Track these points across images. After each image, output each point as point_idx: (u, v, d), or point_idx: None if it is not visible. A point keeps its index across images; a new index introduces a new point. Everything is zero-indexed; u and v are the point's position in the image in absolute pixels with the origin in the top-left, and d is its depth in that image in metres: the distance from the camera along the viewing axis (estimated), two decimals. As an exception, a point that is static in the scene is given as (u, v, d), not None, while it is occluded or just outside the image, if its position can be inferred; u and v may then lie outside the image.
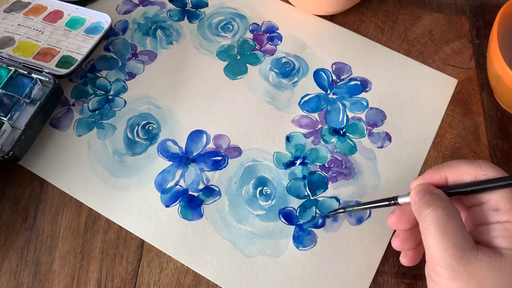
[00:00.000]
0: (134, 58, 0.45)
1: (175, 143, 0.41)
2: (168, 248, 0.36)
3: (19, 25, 0.46)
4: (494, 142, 0.42)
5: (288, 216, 0.38)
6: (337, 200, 0.38)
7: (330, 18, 0.48)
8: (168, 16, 0.48)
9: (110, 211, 0.38)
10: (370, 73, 0.45)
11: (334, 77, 0.44)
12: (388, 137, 0.41)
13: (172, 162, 0.40)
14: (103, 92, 0.43)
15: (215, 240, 0.36)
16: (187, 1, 0.49)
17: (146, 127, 0.42)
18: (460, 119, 0.43)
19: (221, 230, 0.37)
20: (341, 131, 0.42)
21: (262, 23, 0.48)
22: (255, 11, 0.49)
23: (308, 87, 0.44)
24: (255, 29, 0.47)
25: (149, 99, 0.43)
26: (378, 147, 0.41)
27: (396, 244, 0.31)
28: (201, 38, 0.47)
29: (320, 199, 0.38)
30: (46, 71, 0.41)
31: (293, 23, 0.48)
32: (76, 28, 0.46)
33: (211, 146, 0.41)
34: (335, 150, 0.41)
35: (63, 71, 0.42)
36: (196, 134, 0.41)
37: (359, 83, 0.44)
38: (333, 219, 0.37)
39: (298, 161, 0.40)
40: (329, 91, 0.44)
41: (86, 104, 0.43)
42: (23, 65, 0.41)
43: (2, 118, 0.39)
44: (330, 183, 0.39)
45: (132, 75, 0.44)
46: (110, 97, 0.43)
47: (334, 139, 0.41)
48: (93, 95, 0.43)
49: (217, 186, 0.39)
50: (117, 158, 0.40)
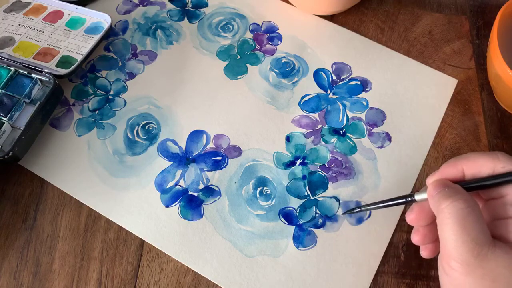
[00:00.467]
0: (134, 58, 0.45)
1: (175, 143, 0.41)
2: (168, 248, 0.36)
3: (19, 25, 0.46)
4: (494, 142, 0.42)
5: (288, 216, 0.38)
6: (337, 200, 0.38)
7: (330, 18, 0.48)
8: (168, 16, 0.48)
9: (110, 211, 0.38)
10: (370, 73, 0.45)
11: (334, 77, 0.44)
12: (388, 137, 0.41)
13: (172, 162, 0.40)
14: (103, 92, 0.43)
15: (215, 240, 0.36)
16: (187, 1, 0.49)
17: (146, 127, 0.42)
18: (460, 119, 0.43)
19: (221, 230, 0.37)
20: (341, 131, 0.42)
21: (262, 23, 0.48)
22: (255, 11, 0.49)
23: (308, 87, 0.44)
24: (255, 29, 0.47)
25: (149, 99, 0.43)
26: (378, 147, 0.41)
27: (416, 239, 0.30)
28: (201, 38, 0.47)
29: (320, 199, 0.38)
30: (46, 71, 0.41)
31: (293, 23, 0.48)
32: (76, 28, 0.46)
33: (211, 146, 0.41)
34: (335, 150, 0.41)
35: (63, 71, 0.42)
36: (196, 134, 0.41)
37: (359, 83, 0.44)
38: (333, 219, 0.37)
39: (298, 161, 0.40)
40: (329, 91, 0.44)
41: (86, 104, 0.43)
42: (23, 65, 0.41)
43: (2, 118, 0.39)
44: (330, 183, 0.39)
45: (132, 75, 0.44)
46: (110, 97, 0.43)
47: (334, 139, 0.41)
48: (93, 95, 0.43)
49: (217, 186, 0.39)
50: (117, 158, 0.40)
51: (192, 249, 0.36)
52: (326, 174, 0.39)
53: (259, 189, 0.39)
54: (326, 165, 0.40)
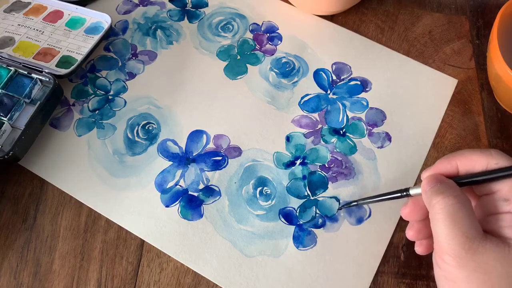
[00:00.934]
0: (134, 58, 0.45)
1: (175, 143, 0.41)
2: (168, 248, 0.36)
3: (19, 25, 0.46)
4: (494, 142, 0.42)
5: (288, 216, 0.38)
6: (337, 200, 0.38)
7: (330, 18, 0.48)
8: (168, 16, 0.48)
9: (110, 211, 0.38)
10: (370, 73, 0.45)
11: (334, 77, 0.44)
12: (388, 137, 0.41)
13: (172, 162, 0.40)
14: (103, 92, 0.43)
15: (215, 240, 0.36)
16: (187, 1, 0.49)
17: (146, 127, 0.42)
18: (460, 119, 0.43)
19: (221, 230, 0.37)
20: (341, 131, 0.42)
21: (262, 23, 0.48)
22: (255, 11, 0.49)
23: (308, 87, 0.44)
24: (255, 29, 0.47)
25: (149, 99, 0.43)
26: (378, 147, 0.41)
27: (410, 234, 0.31)
28: (201, 38, 0.47)
29: (320, 199, 0.38)
30: (46, 71, 0.41)
31: (293, 23, 0.48)
32: (76, 28, 0.46)
33: (211, 146, 0.41)
34: (335, 150, 0.41)
35: (63, 71, 0.42)
36: (196, 134, 0.41)
37: (359, 83, 0.44)
38: (333, 219, 0.37)
39: (298, 161, 0.40)
40: (329, 91, 0.44)
41: (86, 104, 0.43)
42: (23, 65, 0.41)
43: (2, 118, 0.39)
44: (330, 183, 0.39)
45: (132, 75, 0.44)
46: (110, 97, 0.43)
47: (334, 139, 0.41)
48: (93, 95, 0.43)
49: (217, 186, 0.39)
50: (117, 158, 0.40)
51: (192, 249, 0.36)
52: (326, 174, 0.39)
53: (259, 189, 0.39)
54: (326, 165, 0.40)
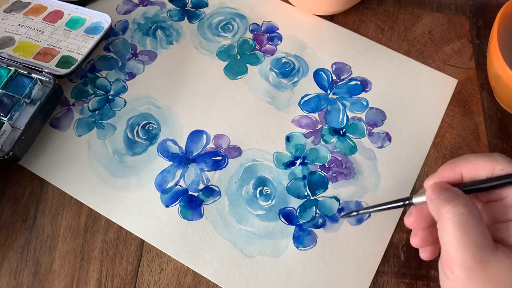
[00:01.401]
0: (134, 58, 0.45)
1: (175, 143, 0.41)
2: (168, 248, 0.36)
3: (19, 25, 0.46)
4: (494, 142, 0.42)
5: (288, 216, 0.38)
6: (337, 200, 0.38)
7: (330, 18, 0.48)
8: (168, 16, 0.48)
9: (110, 211, 0.38)
10: (370, 73, 0.45)
11: (334, 77, 0.44)
12: (388, 137, 0.41)
13: (172, 162, 0.40)
14: (103, 92, 0.43)
15: (215, 240, 0.36)
16: (187, 1, 0.49)
17: (146, 127, 0.42)
18: (460, 119, 0.43)
19: (221, 230, 0.37)
20: (341, 131, 0.42)
21: (262, 23, 0.48)
22: (255, 11, 0.49)
23: (308, 87, 0.44)
24: (255, 29, 0.47)
25: (149, 99, 0.43)
26: (378, 147, 0.41)
27: (415, 242, 0.30)
28: (201, 38, 0.47)
29: (320, 199, 0.38)
30: (46, 71, 0.41)
31: (293, 23, 0.48)
32: (76, 28, 0.46)
33: (211, 146, 0.41)
34: (335, 150, 0.41)
35: (63, 71, 0.42)
36: (196, 134, 0.41)
37: (359, 83, 0.44)
38: (333, 219, 0.37)
39: (298, 161, 0.40)
40: (329, 91, 0.44)
41: (86, 104, 0.43)
42: (23, 65, 0.41)
43: (2, 118, 0.39)
44: (330, 183, 0.39)
45: (132, 75, 0.44)
46: (110, 97, 0.43)
47: (334, 139, 0.41)
48: (93, 95, 0.43)
49: (217, 186, 0.39)
50: (117, 158, 0.40)
51: (192, 249, 0.36)
52: (326, 174, 0.39)
53: (259, 189, 0.39)
54: (326, 165, 0.40)
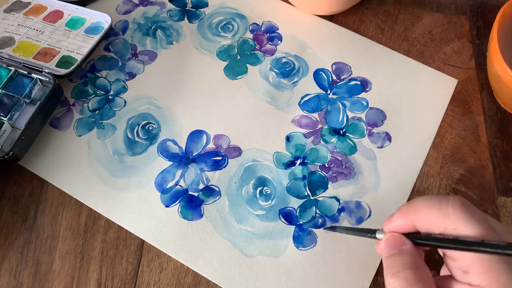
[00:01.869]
0: (134, 58, 0.45)
1: (175, 143, 0.41)
2: (168, 248, 0.36)
3: (19, 25, 0.46)
4: (494, 142, 0.42)
5: (288, 216, 0.38)
6: (337, 200, 0.38)
7: (330, 18, 0.48)
8: (168, 16, 0.48)
9: (110, 211, 0.38)
10: (370, 73, 0.45)
11: (334, 77, 0.44)
12: (388, 137, 0.41)
13: (172, 162, 0.40)
14: (103, 92, 0.43)
15: (215, 240, 0.36)
16: (187, 1, 0.49)
17: (146, 127, 0.42)
18: (460, 119, 0.43)
19: (221, 230, 0.37)
20: (341, 131, 0.42)
21: (262, 23, 0.48)
22: (255, 11, 0.49)
23: (308, 87, 0.44)
24: (255, 29, 0.47)
25: (149, 99, 0.43)
26: (378, 147, 0.41)
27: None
28: (201, 38, 0.47)
29: (320, 199, 0.38)
30: (46, 71, 0.41)
31: (293, 23, 0.48)
32: (76, 28, 0.46)
33: (211, 146, 0.41)
34: (335, 150, 0.41)
35: (63, 71, 0.42)
36: (196, 134, 0.41)
37: (359, 83, 0.44)
38: (333, 219, 0.37)
39: (298, 161, 0.40)
40: (329, 91, 0.44)
41: (86, 104, 0.43)
42: (23, 65, 0.41)
43: (2, 118, 0.39)
44: (330, 183, 0.39)
45: (132, 75, 0.44)
46: (110, 97, 0.43)
47: (334, 139, 0.41)
48: (93, 95, 0.43)
49: (217, 186, 0.39)
50: (117, 158, 0.40)
51: (192, 249, 0.36)
52: (326, 174, 0.39)
53: (259, 189, 0.39)
54: (326, 165, 0.40)
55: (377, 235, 0.28)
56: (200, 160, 0.40)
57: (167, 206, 0.38)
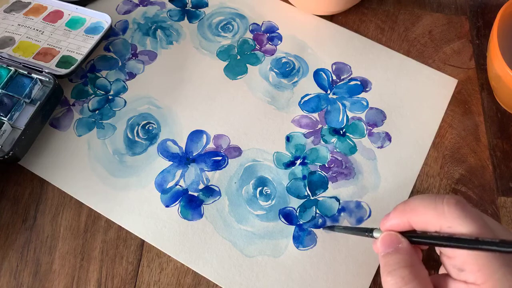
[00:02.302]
0: (134, 58, 0.45)
1: (175, 143, 0.41)
2: (168, 248, 0.36)
3: (19, 25, 0.46)
4: (494, 142, 0.42)
5: (288, 216, 0.38)
6: (337, 200, 0.38)
7: (330, 18, 0.48)
8: (168, 16, 0.48)
9: (110, 211, 0.38)
10: (370, 73, 0.45)
11: (334, 77, 0.44)
12: (388, 137, 0.41)
13: (172, 162, 0.40)
14: (103, 92, 0.43)
15: (215, 240, 0.36)
16: (187, 1, 0.49)
17: (146, 127, 0.42)
18: (460, 119, 0.43)
19: (221, 230, 0.37)
20: (341, 131, 0.42)
21: (262, 23, 0.48)
22: (255, 11, 0.49)
23: (308, 87, 0.44)
24: (255, 29, 0.47)
25: (149, 99, 0.43)
26: (378, 147, 0.41)
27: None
28: (201, 38, 0.47)
29: (320, 199, 0.38)
30: (46, 71, 0.41)
31: (293, 23, 0.48)
32: (76, 28, 0.46)
33: (211, 146, 0.41)
34: (335, 150, 0.41)
35: (63, 71, 0.42)
36: (196, 134, 0.41)
37: (359, 83, 0.44)
38: (333, 219, 0.37)
39: (298, 161, 0.40)
40: (329, 91, 0.44)
41: (86, 104, 0.43)
42: (23, 65, 0.41)
43: (2, 118, 0.39)
44: (330, 183, 0.39)
45: (132, 75, 0.44)
46: (110, 97, 0.43)
47: (334, 139, 0.41)
48: (93, 95, 0.43)
49: (217, 186, 0.39)
50: (117, 158, 0.40)
51: (192, 249, 0.36)
52: (326, 174, 0.39)
53: (259, 189, 0.39)
54: (326, 165, 0.40)
55: (374, 234, 0.29)
56: (200, 160, 0.40)
57: (167, 206, 0.38)
